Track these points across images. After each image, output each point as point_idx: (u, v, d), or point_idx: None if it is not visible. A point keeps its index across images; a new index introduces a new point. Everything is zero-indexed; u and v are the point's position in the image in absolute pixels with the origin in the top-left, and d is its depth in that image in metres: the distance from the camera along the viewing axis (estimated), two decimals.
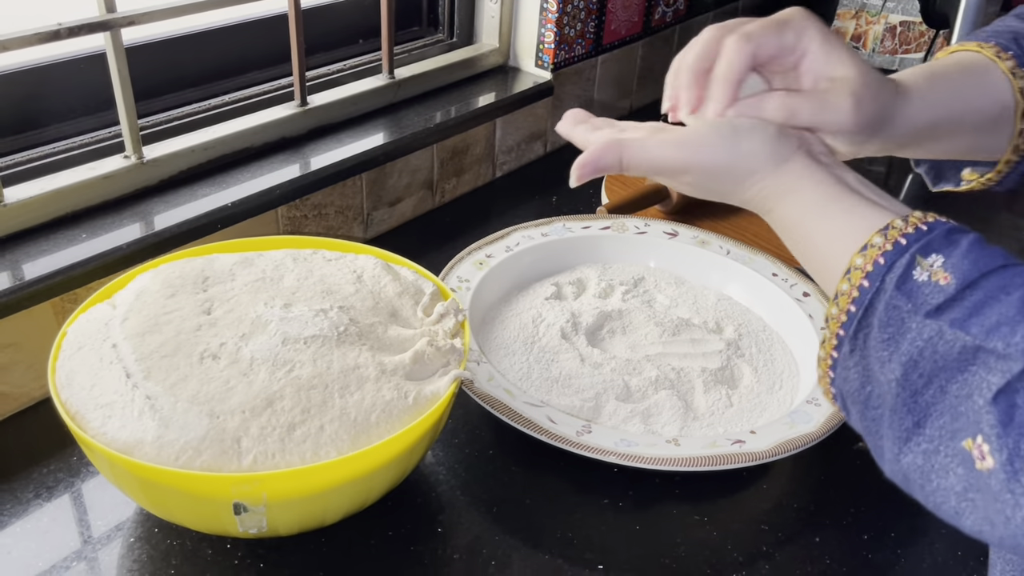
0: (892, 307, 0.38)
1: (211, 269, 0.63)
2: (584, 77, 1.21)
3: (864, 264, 0.39)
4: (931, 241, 0.38)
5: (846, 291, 0.39)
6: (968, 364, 0.35)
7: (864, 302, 0.39)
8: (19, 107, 0.76)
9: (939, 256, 0.38)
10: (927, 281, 0.37)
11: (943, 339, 0.36)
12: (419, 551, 0.60)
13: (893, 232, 0.39)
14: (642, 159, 0.46)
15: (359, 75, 1.01)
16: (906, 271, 0.38)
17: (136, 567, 0.57)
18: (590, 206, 1.05)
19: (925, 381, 0.36)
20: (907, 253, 0.38)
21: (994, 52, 0.53)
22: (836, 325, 0.40)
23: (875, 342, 0.38)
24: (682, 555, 0.61)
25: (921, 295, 0.37)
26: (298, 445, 0.51)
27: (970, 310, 0.36)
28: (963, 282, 0.37)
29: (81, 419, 0.52)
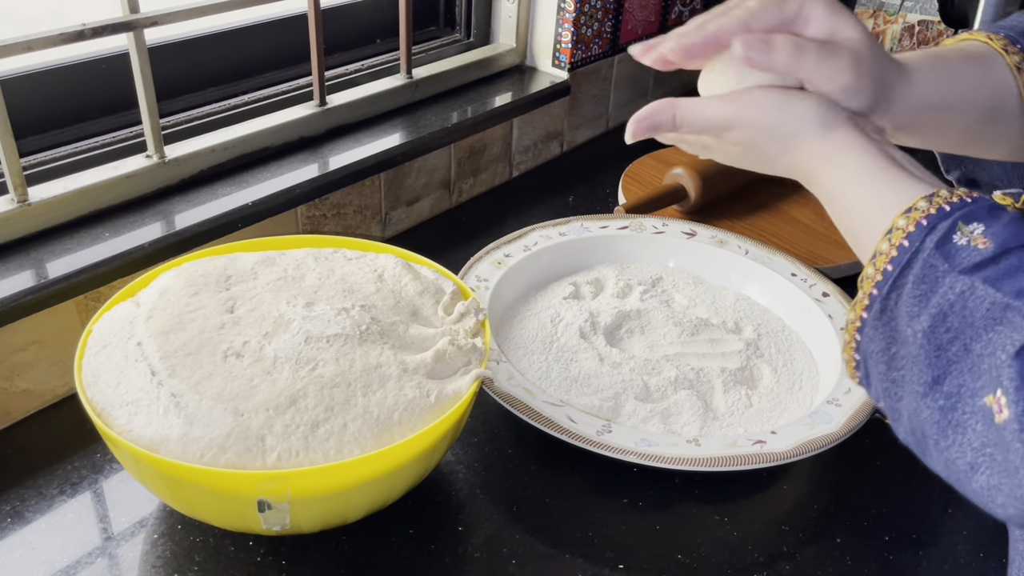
0: (929, 265, 0.38)
1: (233, 268, 0.64)
2: (601, 76, 1.21)
3: (907, 225, 0.39)
4: (974, 211, 0.39)
5: (885, 251, 0.40)
6: (995, 323, 0.36)
7: (902, 261, 0.39)
8: (43, 107, 0.77)
9: (980, 224, 0.38)
10: (966, 245, 0.38)
11: (974, 294, 0.36)
12: (439, 549, 0.60)
13: (938, 199, 0.40)
14: (695, 115, 0.47)
15: (377, 75, 1.01)
16: (947, 234, 0.38)
17: (160, 563, 0.57)
18: (607, 206, 1.06)
19: (952, 336, 0.37)
20: (950, 218, 0.39)
21: (1002, 44, 0.53)
22: (870, 284, 0.40)
23: (907, 298, 0.38)
24: (702, 555, 0.61)
25: (959, 257, 0.38)
26: (322, 443, 0.51)
27: (1004, 271, 0.36)
28: (1001, 247, 0.37)
29: (107, 416, 0.52)
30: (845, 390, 0.69)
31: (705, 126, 0.48)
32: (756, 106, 0.46)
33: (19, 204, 0.69)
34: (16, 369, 0.67)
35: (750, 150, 0.48)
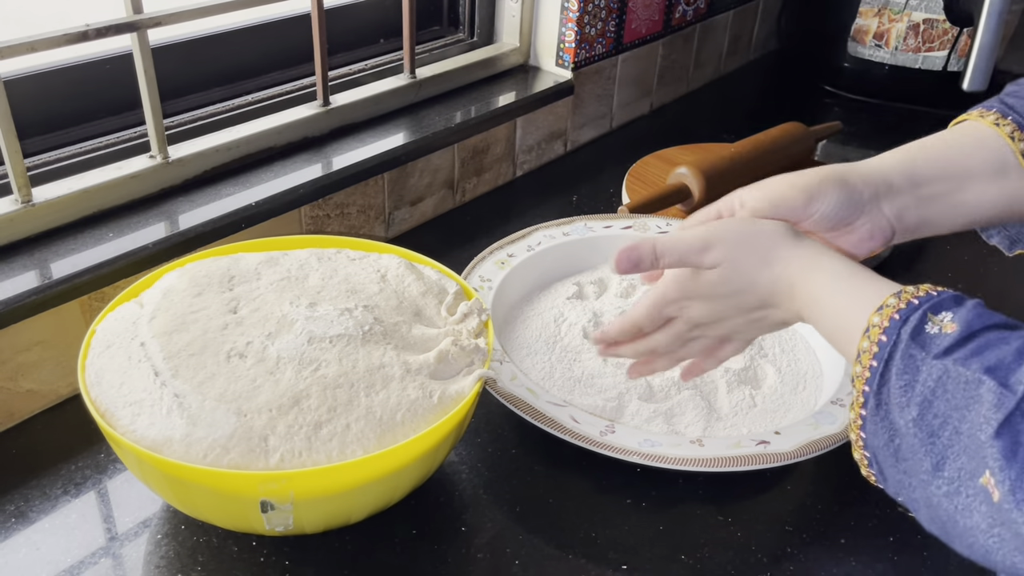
0: (908, 356, 0.41)
1: (237, 268, 0.64)
2: (604, 76, 1.21)
3: (881, 321, 0.42)
4: (941, 301, 0.42)
5: (867, 348, 0.43)
6: (972, 401, 0.38)
7: (884, 355, 0.42)
8: (47, 107, 0.77)
9: (948, 312, 0.41)
10: (938, 333, 0.41)
11: (950, 377, 0.39)
12: (443, 550, 0.60)
13: (906, 295, 0.43)
14: (672, 241, 0.52)
15: (380, 75, 1.01)
16: (919, 324, 0.41)
17: (163, 563, 0.57)
18: (611, 206, 1.05)
19: (941, 421, 0.39)
20: (919, 310, 0.42)
21: (993, 119, 0.57)
22: (861, 383, 0.43)
23: (895, 390, 0.41)
24: (706, 556, 0.61)
25: (932, 344, 0.41)
26: (324, 443, 0.51)
27: (972, 351, 0.39)
28: (967, 330, 0.40)
29: (111, 417, 0.52)
30: (849, 390, 0.68)
31: (684, 250, 0.51)
32: (728, 225, 0.51)
33: (23, 204, 0.69)
34: (20, 369, 0.67)
35: (730, 271, 0.51)
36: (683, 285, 0.54)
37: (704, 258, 0.52)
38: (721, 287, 0.52)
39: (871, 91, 1.45)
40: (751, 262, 0.51)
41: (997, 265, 1.01)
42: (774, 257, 0.50)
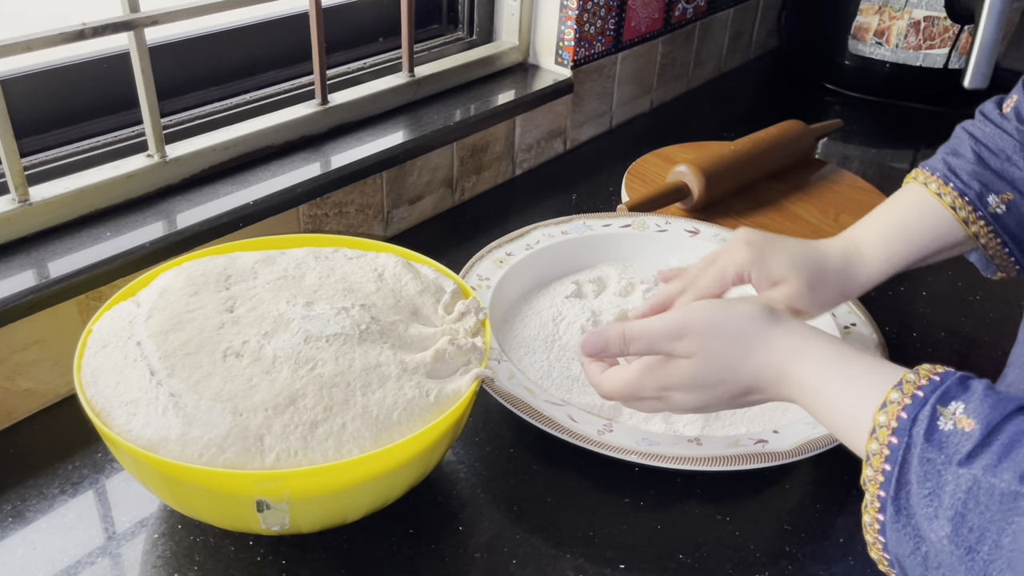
0: (925, 460, 0.38)
1: (233, 267, 0.64)
2: (604, 74, 1.20)
3: (888, 421, 0.40)
4: (947, 390, 0.39)
5: (876, 450, 0.40)
6: (1011, 513, 0.35)
7: (897, 459, 0.39)
8: (43, 107, 0.77)
9: (959, 403, 0.38)
10: (953, 430, 0.38)
11: (981, 489, 0.36)
12: (440, 549, 0.60)
13: (908, 386, 0.40)
14: (642, 329, 0.51)
15: (379, 73, 1.01)
16: (931, 423, 0.38)
17: (160, 563, 0.57)
18: (610, 204, 1.05)
19: (978, 536, 0.36)
20: (927, 404, 0.39)
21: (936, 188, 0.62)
22: (875, 487, 0.40)
23: (917, 499, 0.38)
24: (704, 555, 0.60)
25: (951, 444, 0.37)
26: (320, 443, 0.51)
27: (999, 455, 0.36)
28: (987, 427, 0.37)
29: (106, 416, 0.52)
30: None
31: (655, 339, 0.50)
32: (698, 310, 0.49)
33: (20, 204, 0.69)
34: (18, 369, 0.67)
35: (708, 361, 0.49)
36: (658, 375, 0.53)
37: (676, 347, 0.50)
38: (701, 378, 0.51)
39: (872, 89, 1.45)
40: (729, 352, 0.49)
41: None
42: (754, 344, 0.48)
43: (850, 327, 0.75)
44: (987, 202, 0.60)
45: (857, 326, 0.76)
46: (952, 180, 0.60)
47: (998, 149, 0.61)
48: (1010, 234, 0.61)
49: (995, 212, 0.60)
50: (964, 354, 0.84)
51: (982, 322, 0.89)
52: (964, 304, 0.92)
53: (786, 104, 1.44)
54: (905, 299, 0.92)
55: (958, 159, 0.62)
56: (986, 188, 0.60)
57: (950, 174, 0.61)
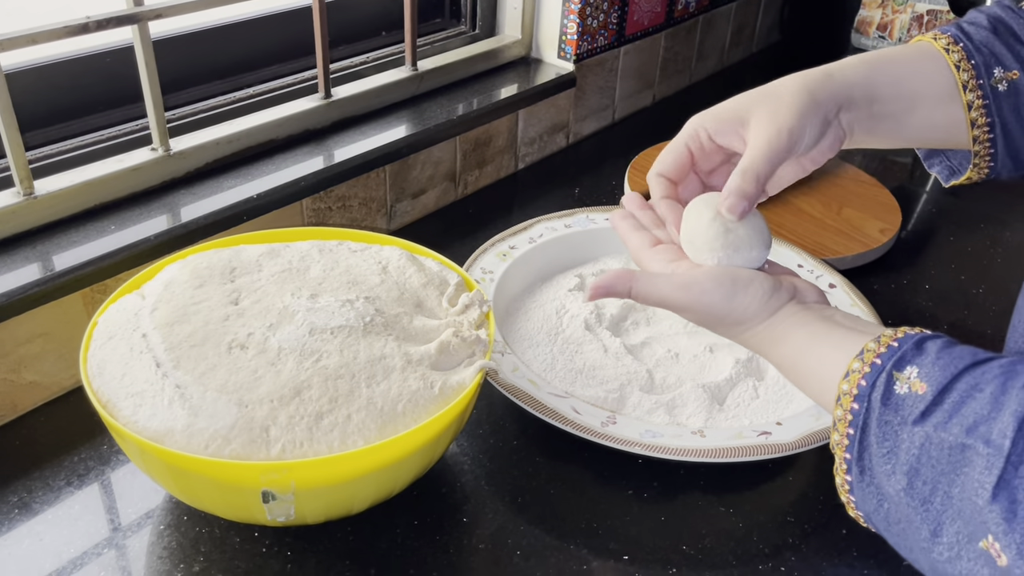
0: (883, 423, 0.40)
1: (238, 260, 0.64)
2: (607, 68, 1.20)
3: (850, 389, 0.42)
4: (903, 355, 0.41)
5: (841, 416, 0.42)
6: (960, 466, 0.37)
7: (859, 424, 0.41)
8: (48, 100, 0.77)
9: (913, 367, 0.40)
10: (908, 393, 0.40)
11: (932, 443, 0.38)
12: (444, 541, 0.60)
13: (868, 355, 0.42)
14: (649, 293, 0.51)
15: (382, 67, 1.01)
16: (887, 387, 0.41)
17: (166, 554, 0.58)
18: (613, 198, 1.05)
19: (931, 488, 0.38)
20: (884, 371, 0.41)
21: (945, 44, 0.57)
22: (841, 450, 0.42)
23: (877, 458, 0.41)
24: (707, 546, 0.61)
25: (905, 406, 0.40)
26: (326, 434, 0.51)
27: (949, 412, 0.38)
28: (938, 387, 0.39)
29: (112, 408, 0.53)
30: None
31: (659, 303, 0.51)
32: (707, 295, 0.49)
33: (25, 197, 0.69)
34: (23, 361, 0.67)
35: (706, 326, 0.52)
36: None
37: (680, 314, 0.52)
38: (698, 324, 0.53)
39: None
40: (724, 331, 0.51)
41: (1000, 256, 1.00)
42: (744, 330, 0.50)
43: None
44: (992, 73, 0.56)
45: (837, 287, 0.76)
46: (963, 40, 0.56)
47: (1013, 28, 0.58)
48: (1001, 118, 0.57)
49: (995, 87, 0.56)
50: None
51: (984, 315, 0.89)
52: (967, 298, 0.92)
53: None
54: (907, 292, 0.92)
55: (973, 26, 0.57)
56: (995, 58, 0.56)
57: (961, 35, 0.56)
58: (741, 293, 0.49)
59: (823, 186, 1.06)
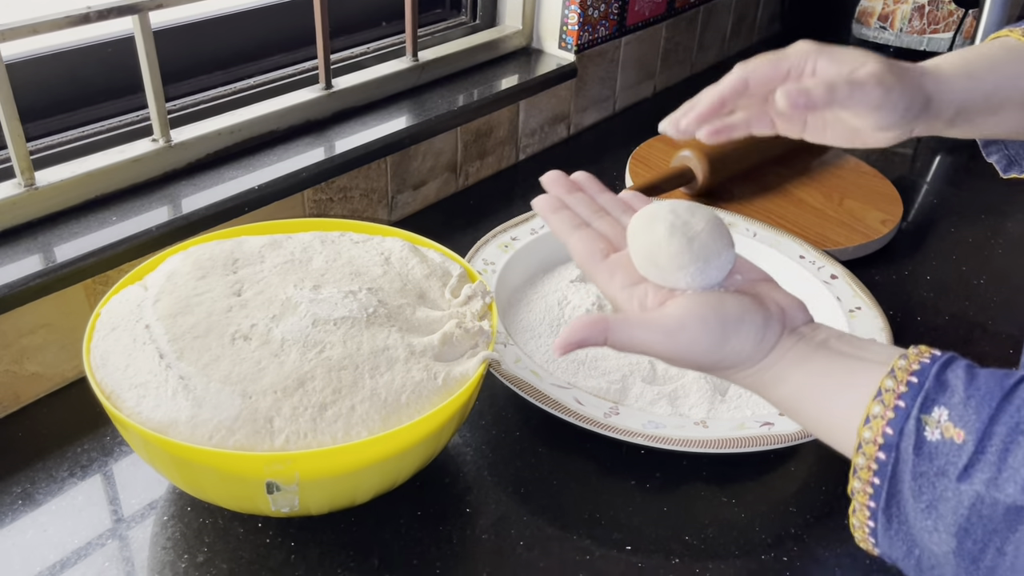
0: (919, 474, 0.37)
1: (240, 251, 0.64)
2: (607, 59, 1.20)
3: (874, 437, 0.39)
4: (927, 394, 0.38)
5: (864, 465, 0.39)
6: (1016, 523, 0.35)
7: (887, 474, 0.38)
8: (49, 91, 0.77)
9: (942, 409, 0.38)
10: (942, 440, 0.37)
11: (984, 504, 0.36)
12: (447, 531, 0.60)
13: (888, 396, 0.39)
14: (629, 341, 0.45)
15: (383, 58, 1.01)
16: (918, 436, 0.38)
17: (169, 545, 0.58)
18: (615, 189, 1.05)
19: (981, 547, 0.36)
20: (910, 417, 0.38)
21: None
22: (864, 497, 0.40)
23: (914, 512, 0.38)
24: (710, 536, 0.61)
25: (942, 456, 0.37)
26: (330, 425, 0.51)
27: (996, 465, 0.36)
28: (977, 434, 0.36)
29: (116, 399, 0.53)
30: None
31: (640, 352, 0.45)
32: (695, 343, 0.44)
33: (26, 188, 0.69)
34: (25, 352, 0.67)
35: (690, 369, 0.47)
36: None
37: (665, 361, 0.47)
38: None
39: None
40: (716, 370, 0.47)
41: (1001, 247, 1.00)
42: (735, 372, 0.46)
43: (855, 311, 0.75)
44: None
45: (862, 309, 0.76)
46: None
47: None
48: None
49: None
50: (967, 338, 0.84)
51: (986, 306, 0.89)
52: (968, 288, 0.92)
53: None
54: (909, 283, 0.92)
55: None
56: None
57: None
58: (733, 336, 0.44)
59: (824, 177, 1.05)
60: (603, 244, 0.50)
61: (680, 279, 0.45)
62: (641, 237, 0.47)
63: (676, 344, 0.44)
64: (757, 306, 0.45)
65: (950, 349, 0.41)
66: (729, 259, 0.47)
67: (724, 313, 0.44)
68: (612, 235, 0.51)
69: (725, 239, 0.47)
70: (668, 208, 0.47)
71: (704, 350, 0.44)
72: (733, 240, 0.47)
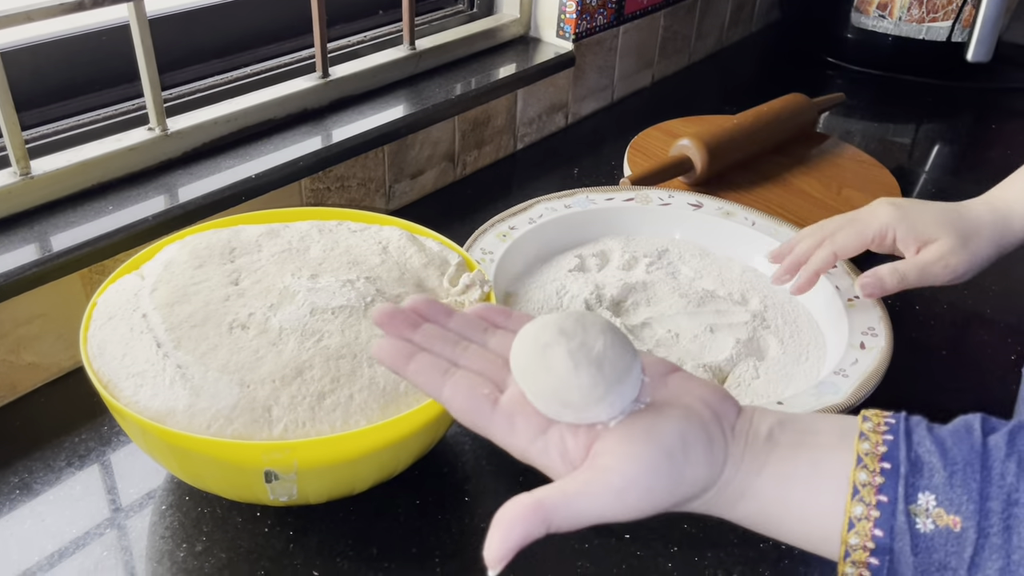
0: (920, 573, 0.35)
1: (237, 240, 0.63)
2: (606, 47, 1.19)
3: (862, 542, 0.36)
4: (906, 480, 0.35)
5: (853, 573, 0.36)
6: None
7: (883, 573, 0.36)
8: (44, 79, 0.76)
9: (927, 495, 0.35)
10: (936, 530, 0.35)
11: None
12: (446, 520, 0.60)
13: (867, 491, 0.36)
14: (577, 517, 0.37)
15: (380, 46, 1.00)
16: (911, 531, 0.35)
17: (168, 534, 0.58)
18: (613, 178, 1.05)
19: None
20: (898, 512, 0.35)
21: None
22: None
23: None
24: (709, 524, 0.61)
25: (941, 548, 0.35)
26: (328, 414, 0.51)
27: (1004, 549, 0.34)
28: (974, 517, 0.34)
29: (114, 388, 0.52)
30: (852, 360, 0.68)
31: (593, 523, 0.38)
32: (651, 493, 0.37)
33: (22, 177, 0.68)
34: (21, 342, 0.67)
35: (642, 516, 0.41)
36: None
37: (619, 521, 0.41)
38: None
39: (874, 62, 1.44)
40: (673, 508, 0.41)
41: None
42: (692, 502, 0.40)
43: (854, 300, 0.75)
44: None
45: (861, 298, 0.76)
46: None
47: None
48: None
49: None
50: (965, 327, 0.84)
51: (984, 295, 0.89)
52: None
53: (788, 78, 1.44)
54: None
55: None
56: None
57: None
58: (685, 467, 0.38)
59: (822, 166, 1.05)
60: (486, 388, 0.41)
61: (599, 413, 0.38)
62: (538, 376, 0.39)
63: (631, 503, 0.37)
64: (691, 419, 0.39)
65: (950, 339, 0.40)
66: (639, 368, 0.40)
67: (666, 445, 0.38)
68: (488, 370, 0.42)
69: (627, 346, 0.40)
70: (554, 329, 0.39)
71: (662, 496, 0.38)
72: (628, 341, 0.40)
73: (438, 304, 0.45)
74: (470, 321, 0.45)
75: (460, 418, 0.41)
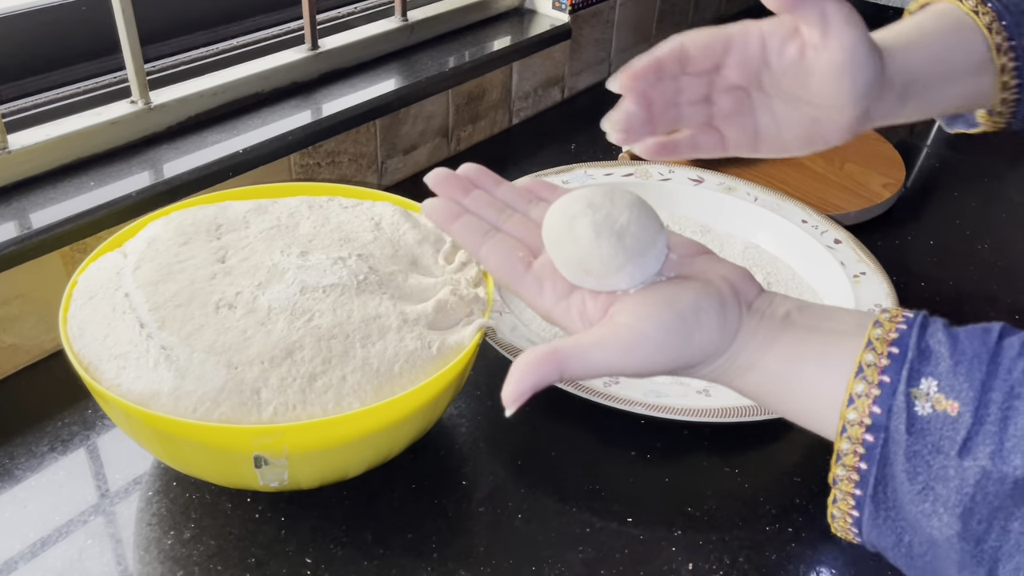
0: (912, 455, 0.35)
1: (224, 216, 0.61)
2: (602, 19, 1.17)
3: (859, 418, 0.36)
4: (912, 364, 0.35)
5: (848, 449, 0.36)
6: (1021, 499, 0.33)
7: (875, 457, 0.36)
8: (22, 51, 0.73)
9: (930, 380, 0.35)
10: (934, 414, 0.34)
11: (991, 479, 0.33)
12: (443, 504, 0.58)
13: (871, 371, 0.36)
14: (588, 369, 0.39)
15: (371, 18, 0.98)
16: (908, 411, 0.35)
17: (155, 521, 0.56)
18: (611, 153, 1.03)
19: (985, 526, 0.34)
20: (898, 392, 0.35)
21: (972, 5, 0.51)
22: (849, 485, 0.37)
23: (908, 495, 0.35)
24: (713, 507, 0.59)
25: (936, 431, 0.34)
26: (319, 396, 0.49)
27: (998, 435, 0.33)
28: (972, 403, 0.34)
29: (95, 370, 0.50)
30: None
31: (603, 376, 0.41)
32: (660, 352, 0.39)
33: None
34: (1, 324, 0.64)
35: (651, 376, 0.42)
36: None
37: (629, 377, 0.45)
38: None
39: None
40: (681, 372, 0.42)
41: (1005, 211, 0.99)
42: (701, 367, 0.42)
43: (860, 276, 0.73)
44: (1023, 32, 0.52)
45: (867, 274, 0.74)
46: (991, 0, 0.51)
47: None
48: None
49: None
50: (970, 303, 0.83)
51: (989, 271, 0.87)
52: (970, 252, 0.90)
53: None
54: (911, 248, 0.90)
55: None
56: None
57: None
58: (695, 330, 0.40)
59: None
60: (521, 251, 0.44)
61: (619, 281, 0.41)
62: (564, 245, 0.41)
63: (640, 358, 0.39)
64: (708, 290, 0.41)
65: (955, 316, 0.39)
66: (663, 243, 0.42)
67: (680, 309, 0.40)
68: (526, 236, 0.45)
69: (654, 222, 0.42)
70: (584, 202, 0.41)
71: (671, 356, 0.40)
72: (660, 218, 0.42)
73: (489, 173, 0.49)
74: (518, 192, 0.48)
75: (494, 276, 0.45)
